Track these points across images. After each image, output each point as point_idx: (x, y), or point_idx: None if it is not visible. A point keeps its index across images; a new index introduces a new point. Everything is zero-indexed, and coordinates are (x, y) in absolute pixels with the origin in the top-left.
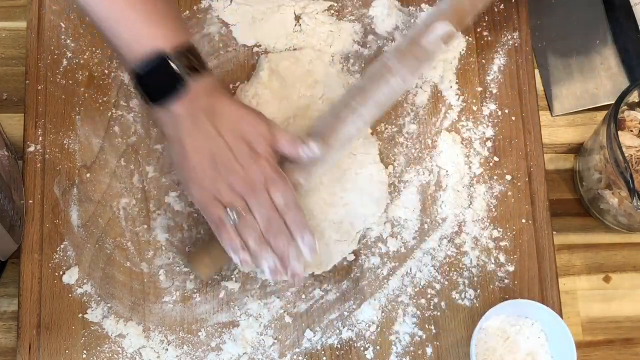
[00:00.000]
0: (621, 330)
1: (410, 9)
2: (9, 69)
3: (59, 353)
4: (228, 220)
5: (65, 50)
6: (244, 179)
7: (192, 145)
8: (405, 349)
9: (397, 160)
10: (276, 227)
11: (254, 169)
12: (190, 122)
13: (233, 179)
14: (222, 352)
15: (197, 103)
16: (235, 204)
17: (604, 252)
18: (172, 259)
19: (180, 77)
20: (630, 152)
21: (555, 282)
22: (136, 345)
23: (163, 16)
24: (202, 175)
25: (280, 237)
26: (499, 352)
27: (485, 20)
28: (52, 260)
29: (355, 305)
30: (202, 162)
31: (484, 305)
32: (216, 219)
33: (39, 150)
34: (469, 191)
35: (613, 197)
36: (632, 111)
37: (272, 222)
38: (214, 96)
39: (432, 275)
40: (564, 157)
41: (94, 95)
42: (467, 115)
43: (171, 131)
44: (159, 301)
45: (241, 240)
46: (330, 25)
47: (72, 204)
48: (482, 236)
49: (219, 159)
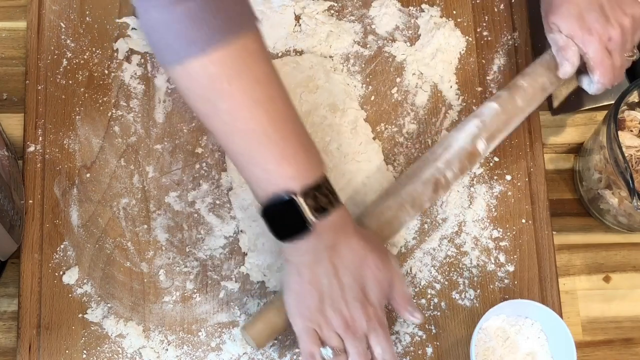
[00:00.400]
0: (621, 330)
1: (410, 9)
2: (9, 69)
3: (59, 353)
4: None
5: (65, 50)
6: (347, 321)
7: (308, 277)
8: (405, 349)
9: (397, 160)
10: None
11: (360, 314)
12: (312, 256)
13: (336, 318)
14: (222, 352)
15: (322, 240)
16: (333, 343)
17: (604, 252)
18: (172, 259)
19: (307, 220)
20: (630, 152)
21: (555, 282)
22: (136, 345)
23: (295, 151)
24: (308, 305)
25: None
26: (498, 352)
27: (485, 20)
28: (52, 260)
29: None
30: (312, 294)
31: (484, 305)
32: (309, 350)
33: (39, 150)
34: (469, 191)
35: (613, 197)
36: (632, 111)
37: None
38: (340, 234)
39: (432, 275)
40: (564, 157)
41: (94, 95)
42: (467, 115)
43: (292, 259)
44: (159, 301)
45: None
46: (330, 26)
47: (72, 204)
48: (482, 236)
49: (327, 295)
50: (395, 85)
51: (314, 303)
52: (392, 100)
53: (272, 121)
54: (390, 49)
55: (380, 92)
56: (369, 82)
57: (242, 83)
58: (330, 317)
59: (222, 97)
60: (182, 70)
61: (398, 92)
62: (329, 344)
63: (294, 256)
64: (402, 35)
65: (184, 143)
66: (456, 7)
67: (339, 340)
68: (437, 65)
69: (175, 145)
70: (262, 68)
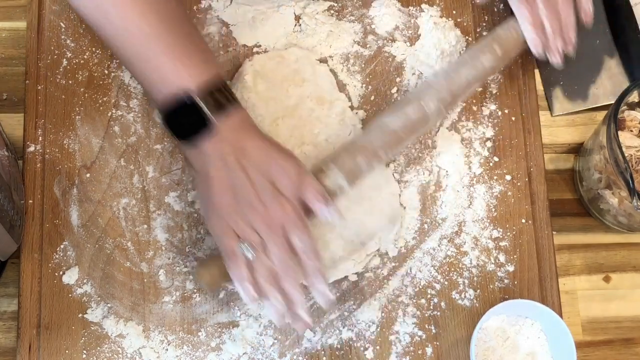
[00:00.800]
0: (621, 330)
1: (410, 9)
2: (9, 69)
3: (59, 353)
4: (241, 253)
5: (65, 50)
6: (264, 217)
7: (217, 180)
8: (405, 349)
9: (397, 160)
10: (290, 270)
11: (275, 209)
12: (218, 158)
13: (252, 216)
14: (222, 352)
15: (226, 140)
16: (251, 240)
17: (604, 252)
18: (172, 259)
19: (206, 117)
20: (630, 152)
21: (555, 282)
22: (136, 345)
23: (189, 51)
24: (221, 207)
25: (292, 282)
26: (499, 352)
27: (485, 20)
28: (52, 260)
29: (355, 305)
30: (224, 195)
31: (484, 305)
32: (229, 250)
33: (39, 150)
34: (469, 191)
35: (613, 197)
36: (632, 111)
37: (286, 265)
38: (243, 133)
39: (432, 275)
40: (564, 157)
41: (94, 95)
42: (467, 115)
43: (199, 166)
44: (159, 301)
45: (249, 274)
46: (330, 26)
47: (72, 204)
48: (482, 236)
49: (240, 194)
50: (395, 85)
51: (227, 202)
52: (392, 100)
53: (164, 23)
54: (390, 48)
55: (380, 92)
56: (369, 82)
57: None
58: (245, 214)
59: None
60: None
61: (398, 92)
62: (248, 240)
63: (200, 162)
64: (402, 35)
65: None
66: (456, 7)
67: (258, 237)
68: (437, 65)
69: (175, 145)
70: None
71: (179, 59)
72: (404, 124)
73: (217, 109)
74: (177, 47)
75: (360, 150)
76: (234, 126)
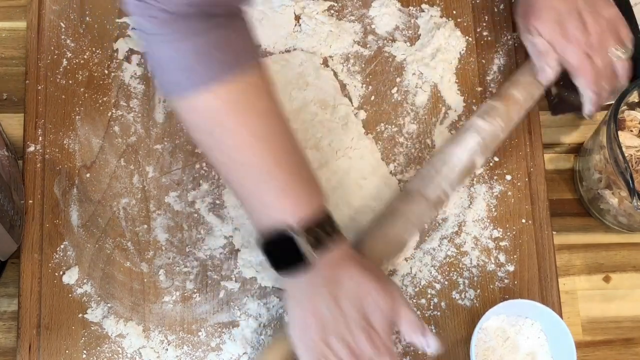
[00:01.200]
0: (621, 330)
1: (411, 9)
2: (9, 69)
3: (59, 353)
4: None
5: (65, 50)
6: (353, 349)
7: (310, 309)
8: (405, 349)
9: (397, 160)
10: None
11: (364, 342)
12: (312, 289)
13: (341, 348)
14: (222, 352)
15: (321, 273)
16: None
17: (604, 252)
18: (172, 259)
19: (305, 254)
20: (630, 152)
21: (555, 282)
22: (136, 345)
23: (296, 184)
24: (312, 337)
25: None
26: (499, 352)
27: (485, 20)
28: (52, 260)
29: None
30: (314, 326)
31: (484, 305)
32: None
33: (39, 150)
34: (469, 191)
35: (613, 197)
36: (632, 111)
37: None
38: (340, 266)
39: (432, 275)
40: (564, 157)
41: (94, 95)
42: (467, 115)
43: (291, 291)
44: (159, 301)
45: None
46: (330, 26)
47: (72, 204)
48: (482, 236)
49: (330, 326)
50: (395, 85)
51: (317, 334)
52: (392, 100)
53: (273, 156)
54: (390, 49)
55: (380, 92)
56: (369, 82)
57: (246, 118)
58: (335, 347)
59: (225, 131)
60: (187, 104)
61: (398, 92)
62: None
63: (294, 289)
64: (402, 35)
65: (184, 143)
66: (456, 7)
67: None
68: (437, 65)
69: (175, 145)
70: (265, 103)
71: (284, 192)
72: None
73: (317, 244)
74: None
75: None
76: (332, 261)
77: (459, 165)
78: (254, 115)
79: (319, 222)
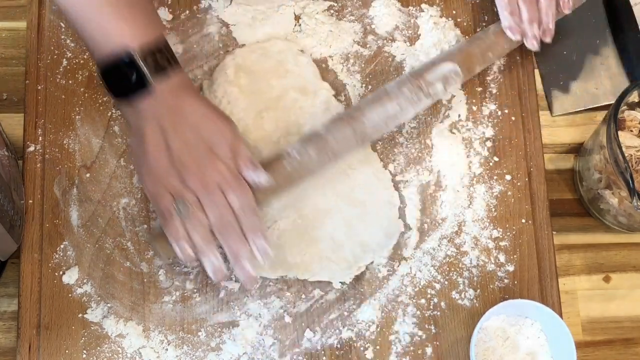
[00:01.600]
0: (621, 330)
1: (410, 9)
2: (9, 69)
3: (59, 353)
4: (175, 211)
5: (65, 50)
6: (198, 176)
7: (151, 141)
8: (405, 349)
9: (397, 160)
10: (229, 226)
11: (210, 169)
12: (153, 119)
13: (187, 175)
14: (222, 352)
15: (162, 101)
16: (186, 198)
17: (604, 252)
18: (172, 258)
19: (145, 78)
20: (630, 152)
21: (555, 282)
22: (136, 345)
23: (134, 11)
24: (156, 166)
25: (232, 236)
26: (499, 352)
27: (485, 21)
28: (52, 260)
29: (355, 305)
30: (158, 156)
31: (484, 305)
32: (164, 209)
33: (39, 150)
34: (469, 191)
35: (613, 197)
36: (632, 111)
37: (224, 221)
38: (181, 96)
39: (432, 275)
40: (564, 157)
41: (94, 95)
42: (467, 115)
43: (134, 125)
44: (159, 301)
45: (185, 232)
46: (330, 26)
47: (72, 204)
48: (482, 236)
49: (174, 153)
50: None
51: (162, 163)
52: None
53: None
54: (390, 48)
55: None
56: (369, 82)
57: None
58: (179, 174)
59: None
60: None
61: None
62: (182, 198)
63: (136, 122)
64: (402, 35)
65: None
66: (456, 7)
67: (193, 196)
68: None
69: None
70: None
71: (123, 18)
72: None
73: (156, 70)
74: (122, 7)
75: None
76: (172, 88)
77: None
78: None
79: (159, 49)
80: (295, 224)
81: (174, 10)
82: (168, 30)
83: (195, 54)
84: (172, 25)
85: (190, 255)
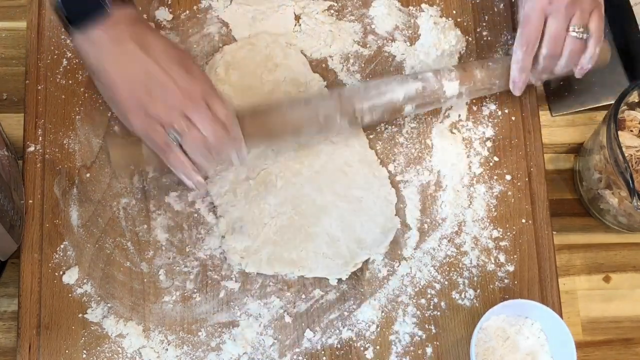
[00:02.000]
0: (621, 330)
1: (410, 9)
2: (9, 69)
3: (59, 353)
4: (173, 142)
5: (65, 50)
6: (182, 92)
7: (120, 73)
8: (405, 348)
9: (397, 160)
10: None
11: (189, 82)
12: (114, 47)
13: (170, 96)
14: (222, 352)
15: (121, 29)
16: (177, 123)
17: (604, 252)
18: (172, 259)
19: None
20: (630, 152)
21: (555, 282)
22: (136, 345)
23: None
24: (138, 103)
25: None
26: (499, 352)
27: (485, 20)
28: (52, 260)
29: (355, 305)
30: (135, 89)
31: (484, 305)
32: (161, 144)
33: (39, 150)
34: (469, 191)
35: (613, 197)
36: (632, 111)
37: (219, 133)
38: (139, 26)
39: (432, 275)
40: (564, 157)
41: (94, 95)
42: (467, 115)
43: (94, 60)
44: (159, 301)
45: (188, 159)
46: (330, 25)
47: (72, 204)
48: (482, 236)
49: (152, 80)
50: None
51: (142, 96)
52: None
53: None
54: (390, 48)
55: None
56: None
57: None
58: (163, 99)
59: None
60: None
61: None
62: (173, 124)
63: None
64: (402, 35)
65: None
66: (456, 7)
67: (182, 117)
68: (437, 65)
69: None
70: None
71: None
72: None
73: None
74: None
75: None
76: (129, 17)
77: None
78: None
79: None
80: (292, 220)
81: (174, 10)
82: (168, 30)
83: (195, 53)
84: (172, 25)
85: (201, 181)
